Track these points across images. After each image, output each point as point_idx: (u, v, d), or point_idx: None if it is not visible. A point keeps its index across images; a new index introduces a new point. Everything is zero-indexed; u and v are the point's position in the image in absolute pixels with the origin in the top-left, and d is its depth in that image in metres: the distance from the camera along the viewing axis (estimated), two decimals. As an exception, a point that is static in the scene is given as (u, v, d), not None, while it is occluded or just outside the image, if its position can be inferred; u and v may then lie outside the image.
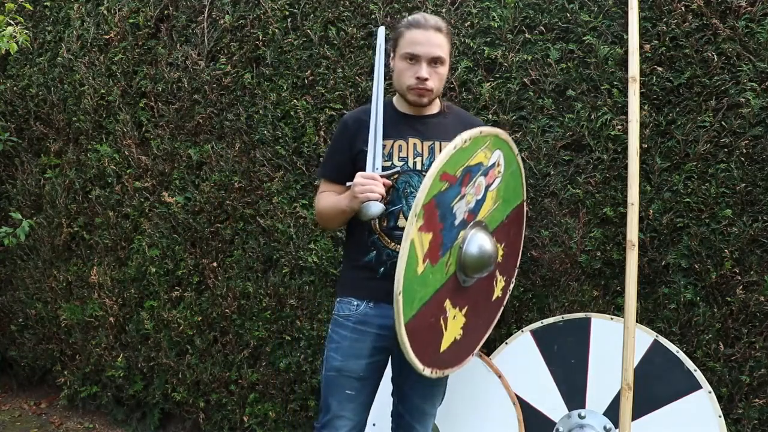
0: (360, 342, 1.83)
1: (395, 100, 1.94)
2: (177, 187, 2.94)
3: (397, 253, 1.78)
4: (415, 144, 1.87)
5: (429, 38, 1.81)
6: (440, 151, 1.88)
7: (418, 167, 1.86)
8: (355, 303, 1.85)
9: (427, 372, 1.70)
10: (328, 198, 1.88)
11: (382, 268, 1.84)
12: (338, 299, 1.90)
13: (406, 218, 1.76)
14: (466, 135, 1.65)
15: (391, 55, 1.88)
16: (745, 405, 2.06)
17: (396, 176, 1.81)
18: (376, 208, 1.72)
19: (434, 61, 1.80)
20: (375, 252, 1.84)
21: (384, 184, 1.75)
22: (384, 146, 1.84)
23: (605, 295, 2.23)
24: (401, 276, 1.54)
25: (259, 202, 2.74)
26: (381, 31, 2.02)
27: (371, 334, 1.83)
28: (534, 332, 2.23)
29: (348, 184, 1.79)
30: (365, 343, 1.83)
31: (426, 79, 1.80)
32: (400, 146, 1.85)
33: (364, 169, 1.82)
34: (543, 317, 2.26)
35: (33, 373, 3.64)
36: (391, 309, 1.72)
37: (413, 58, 1.81)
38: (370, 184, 1.73)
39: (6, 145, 3.44)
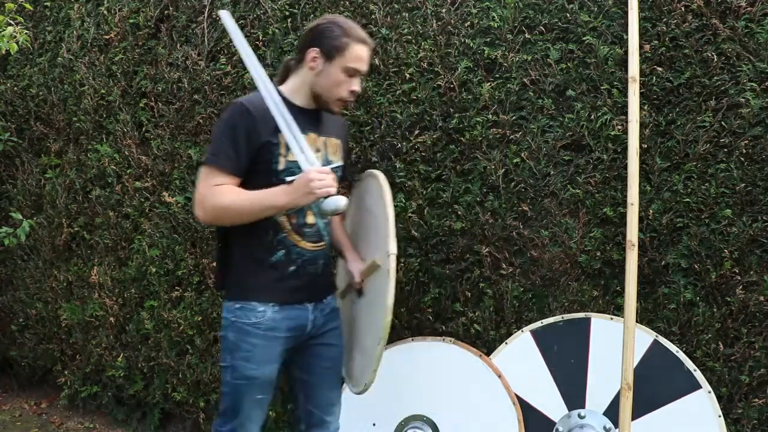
0: (270, 348, 1.81)
1: (288, 92, 1.87)
2: (177, 187, 2.94)
3: (307, 251, 1.85)
4: (314, 138, 1.85)
5: (368, 55, 1.85)
6: (332, 147, 1.92)
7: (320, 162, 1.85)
8: (261, 309, 1.80)
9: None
10: (243, 193, 1.75)
11: (292, 267, 1.82)
12: (238, 304, 1.81)
13: (314, 215, 1.80)
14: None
15: (321, 57, 1.80)
16: (745, 405, 2.07)
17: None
18: (343, 201, 1.67)
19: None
20: (283, 251, 1.82)
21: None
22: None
23: (605, 295, 2.23)
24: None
25: (259, 202, 2.74)
26: (226, 15, 1.95)
27: (280, 338, 1.82)
28: (534, 332, 2.23)
29: (289, 179, 1.73)
30: (275, 348, 1.82)
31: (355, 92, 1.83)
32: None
33: (267, 162, 1.77)
34: (543, 317, 2.26)
35: (33, 373, 3.64)
36: (299, 309, 1.83)
37: (354, 74, 1.82)
38: (327, 179, 1.69)
39: (6, 145, 3.44)
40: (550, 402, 2.13)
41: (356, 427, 2.26)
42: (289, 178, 1.74)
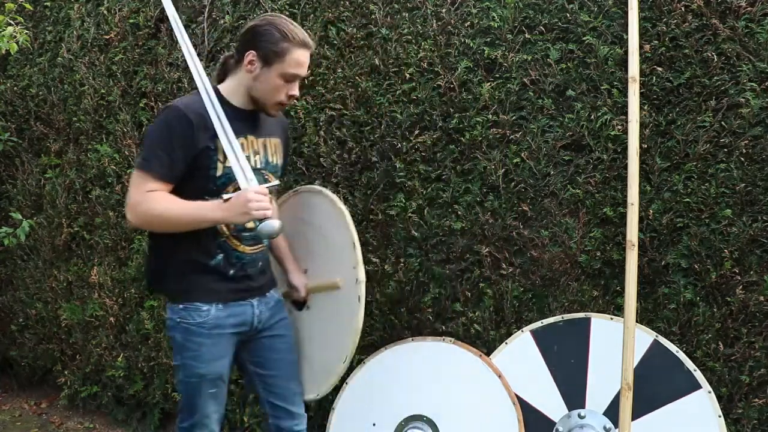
0: (218, 345, 1.83)
1: (225, 93, 1.84)
2: (177, 187, 2.94)
3: (246, 254, 1.87)
4: (252, 141, 1.84)
5: (308, 58, 1.82)
6: (272, 147, 1.90)
7: (259, 165, 1.86)
8: (205, 308, 1.81)
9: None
10: (177, 202, 1.72)
11: (232, 270, 1.84)
12: (181, 305, 1.82)
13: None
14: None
15: (258, 61, 1.77)
16: (745, 405, 2.07)
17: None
18: (277, 224, 1.68)
19: None
20: (222, 255, 1.83)
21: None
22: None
23: (605, 295, 2.23)
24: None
25: (259, 202, 2.74)
26: (171, 11, 1.94)
27: (226, 335, 1.84)
28: (534, 332, 2.23)
29: (226, 196, 1.70)
30: (222, 345, 1.84)
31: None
32: (242, 144, 1.80)
33: (205, 168, 1.75)
34: (543, 317, 2.26)
35: (33, 373, 3.64)
36: (243, 306, 1.86)
37: (293, 79, 1.80)
38: (264, 201, 1.68)
39: (6, 145, 3.44)
40: (550, 402, 2.13)
41: (356, 427, 2.26)
42: (225, 196, 1.71)
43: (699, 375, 2.01)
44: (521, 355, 2.21)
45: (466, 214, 2.38)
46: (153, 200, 1.70)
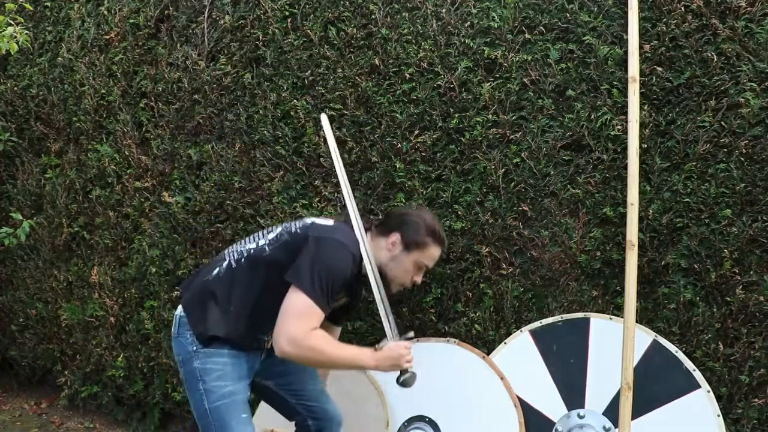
0: (238, 365, 1.85)
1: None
2: (177, 187, 2.94)
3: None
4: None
5: (440, 255, 1.98)
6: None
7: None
8: (220, 342, 1.84)
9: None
10: (340, 347, 1.81)
11: (259, 349, 1.94)
12: (197, 340, 1.82)
13: None
14: None
15: (400, 244, 1.90)
16: (745, 405, 2.07)
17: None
18: (416, 378, 1.91)
19: None
20: (257, 343, 1.91)
21: None
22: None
23: (604, 294, 2.23)
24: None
25: (259, 202, 2.74)
26: (325, 121, 2.18)
27: (243, 356, 1.87)
28: (533, 332, 2.23)
29: (381, 346, 1.85)
30: (242, 365, 1.87)
31: None
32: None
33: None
34: (542, 317, 2.26)
35: (33, 373, 3.64)
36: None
37: (422, 268, 1.95)
38: (411, 355, 1.87)
39: (6, 145, 3.44)
40: (549, 402, 2.13)
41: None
42: (378, 346, 1.85)
43: (698, 375, 2.01)
44: (520, 355, 2.21)
45: (466, 214, 2.38)
46: (318, 338, 1.72)
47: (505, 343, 2.26)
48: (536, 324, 2.24)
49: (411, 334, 1.99)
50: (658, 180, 2.15)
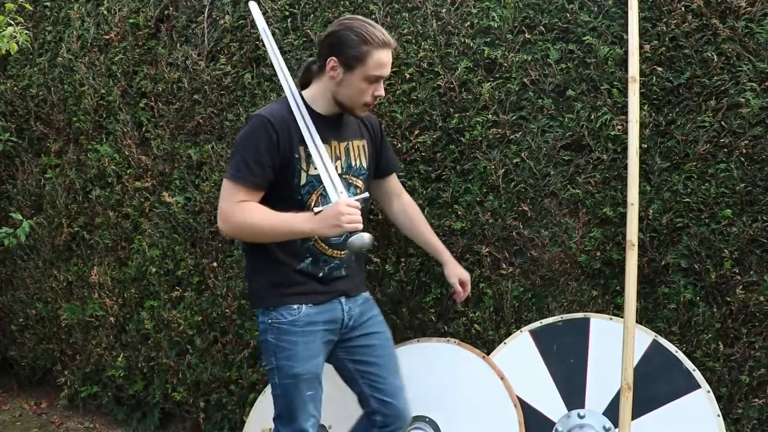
0: (311, 343, 1.84)
1: (309, 99, 1.85)
2: (177, 187, 2.94)
3: (334, 258, 1.88)
4: (335, 146, 1.85)
5: (390, 57, 1.81)
6: (355, 150, 1.89)
7: (340, 171, 1.86)
8: (295, 307, 1.83)
9: None
10: (267, 214, 1.75)
11: (321, 273, 1.86)
12: (272, 308, 1.84)
13: None
14: None
15: (340, 67, 1.77)
16: (745, 405, 2.07)
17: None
18: (368, 237, 1.69)
19: None
20: (310, 258, 1.85)
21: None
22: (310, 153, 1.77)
23: (604, 294, 2.23)
24: None
25: (259, 202, 2.74)
26: (254, 7, 1.97)
27: (319, 331, 1.85)
28: (533, 332, 2.23)
29: (317, 209, 1.71)
30: (315, 342, 1.85)
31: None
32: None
33: (289, 176, 1.78)
34: (542, 317, 2.26)
35: (33, 373, 3.64)
36: (332, 303, 1.87)
37: (377, 80, 1.80)
38: (356, 214, 1.68)
39: (6, 146, 3.44)
40: (549, 402, 2.13)
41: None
42: (316, 209, 1.73)
43: (698, 375, 2.01)
44: (520, 355, 2.21)
45: (466, 214, 2.38)
46: (245, 211, 1.74)
47: (505, 343, 2.26)
48: (536, 324, 2.24)
49: (365, 195, 1.85)
50: (658, 180, 2.15)
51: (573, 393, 2.12)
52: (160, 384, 3.00)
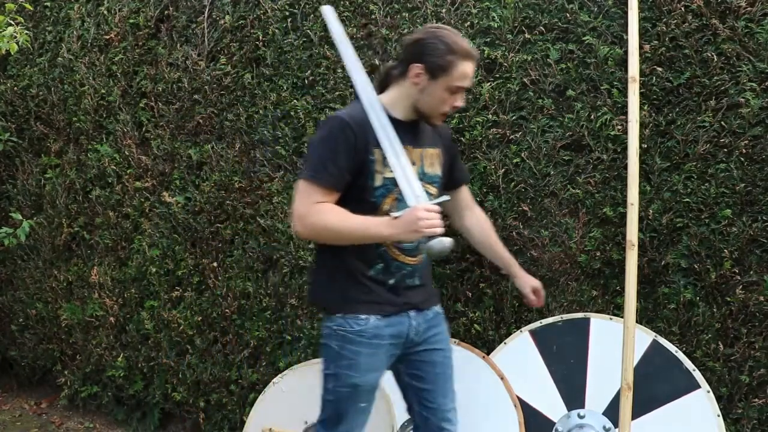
0: (375, 356, 1.79)
1: (387, 104, 1.83)
2: (177, 187, 2.94)
3: (406, 264, 1.82)
4: (410, 152, 1.81)
5: (473, 70, 1.79)
6: (429, 158, 1.86)
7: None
8: (363, 317, 1.77)
9: None
10: (345, 216, 1.71)
11: (392, 280, 1.80)
12: (340, 314, 1.79)
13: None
14: None
15: (425, 74, 1.75)
16: (745, 405, 2.07)
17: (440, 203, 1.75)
18: (448, 242, 1.65)
19: None
20: (382, 264, 1.79)
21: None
22: (385, 157, 1.74)
23: (604, 294, 2.23)
24: None
25: (259, 202, 2.75)
26: (329, 12, 1.92)
27: (384, 345, 1.79)
28: (533, 332, 2.23)
29: (394, 215, 1.67)
30: (380, 356, 1.79)
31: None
32: None
33: (363, 178, 1.74)
34: (542, 317, 2.26)
35: (33, 373, 3.64)
36: (401, 317, 1.80)
37: (458, 91, 1.78)
38: (434, 218, 1.65)
39: (6, 146, 3.44)
40: (549, 402, 2.13)
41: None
42: (395, 213, 1.68)
43: (698, 375, 2.01)
44: (520, 355, 2.21)
45: (466, 214, 2.37)
46: (321, 212, 1.70)
47: (505, 343, 2.26)
48: (536, 324, 2.24)
49: (445, 197, 1.80)
50: (658, 180, 2.15)
51: (573, 393, 2.12)
52: (160, 384, 3.01)
